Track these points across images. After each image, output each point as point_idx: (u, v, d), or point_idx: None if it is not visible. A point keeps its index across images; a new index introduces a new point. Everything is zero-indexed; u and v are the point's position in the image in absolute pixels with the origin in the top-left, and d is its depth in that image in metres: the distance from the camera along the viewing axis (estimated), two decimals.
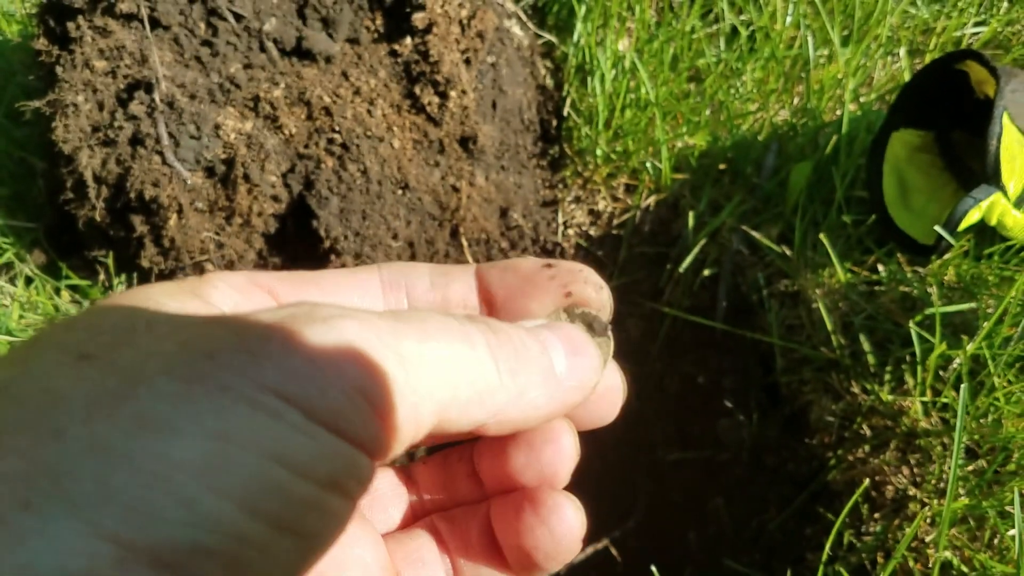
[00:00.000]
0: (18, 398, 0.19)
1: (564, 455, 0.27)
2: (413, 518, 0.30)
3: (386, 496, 0.30)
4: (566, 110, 1.04)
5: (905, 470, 0.80)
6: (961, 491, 0.74)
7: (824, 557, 0.74)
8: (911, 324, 0.80)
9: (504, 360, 0.23)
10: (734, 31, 1.07)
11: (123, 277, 0.89)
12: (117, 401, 0.18)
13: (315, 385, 0.19)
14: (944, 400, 0.79)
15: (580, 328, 0.26)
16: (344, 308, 0.21)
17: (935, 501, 0.76)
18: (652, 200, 0.99)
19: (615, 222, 0.99)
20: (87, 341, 0.20)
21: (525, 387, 0.23)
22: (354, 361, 0.20)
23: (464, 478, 0.29)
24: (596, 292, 0.27)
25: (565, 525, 0.26)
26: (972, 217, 0.82)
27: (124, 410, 0.18)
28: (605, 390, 0.27)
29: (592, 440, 0.33)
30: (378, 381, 0.20)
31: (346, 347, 0.20)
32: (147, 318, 0.21)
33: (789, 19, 1.05)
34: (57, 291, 0.92)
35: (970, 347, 0.77)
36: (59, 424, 0.18)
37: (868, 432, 0.82)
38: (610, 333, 0.27)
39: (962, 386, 0.70)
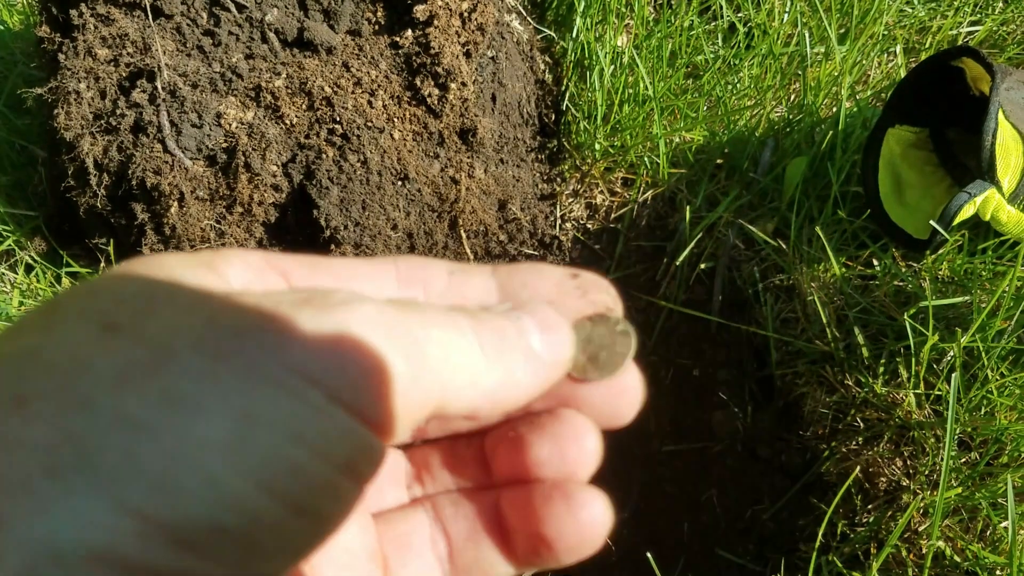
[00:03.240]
0: (47, 365, 0.19)
1: (589, 453, 0.27)
2: (412, 498, 0.30)
3: (387, 471, 0.30)
4: (565, 105, 1.04)
5: (898, 462, 0.81)
6: (954, 482, 0.75)
7: (817, 547, 0.75)
8: (905, 317, 0.81)
9: (488, 344, 0.24)
10: (732, 28, 1.08)
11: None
12: (145, 374, 0.18)
13: (336, 365, 0.20)
14: (937, 392, 0.79)
15: (551, 310, 0.27)
16: (357, 293, 0.22)
17: (928, 492, 0.77)
18: (649, 194, 1.00)
19: (612, 216, 1.00)
20: (111, 310, 0.20)
21: (510, 368, 0.24)
22: (372, 342, 0.21)
23: (471, 463, 0.29)
24: (614, 303, 0.29)
25: (595, 520, 0.26)
26: (966, 212, 0.82)
27: (152, 384, 0.18)
28: (624, 389, 0.28)
29: None
30: (393, 361, 0.21)
31: (365, 329, 0.21)
32: (168, 289, 0.22)
33: (786, 16, 1.06)
34: (58, 279, 0.92)
35: (964, 339, 0.78)
36: (87, 394, 0.18)
37: (861, 424, 0.83)
38: (632, 331, 0.28)
39: (953, 375, 0.70)
